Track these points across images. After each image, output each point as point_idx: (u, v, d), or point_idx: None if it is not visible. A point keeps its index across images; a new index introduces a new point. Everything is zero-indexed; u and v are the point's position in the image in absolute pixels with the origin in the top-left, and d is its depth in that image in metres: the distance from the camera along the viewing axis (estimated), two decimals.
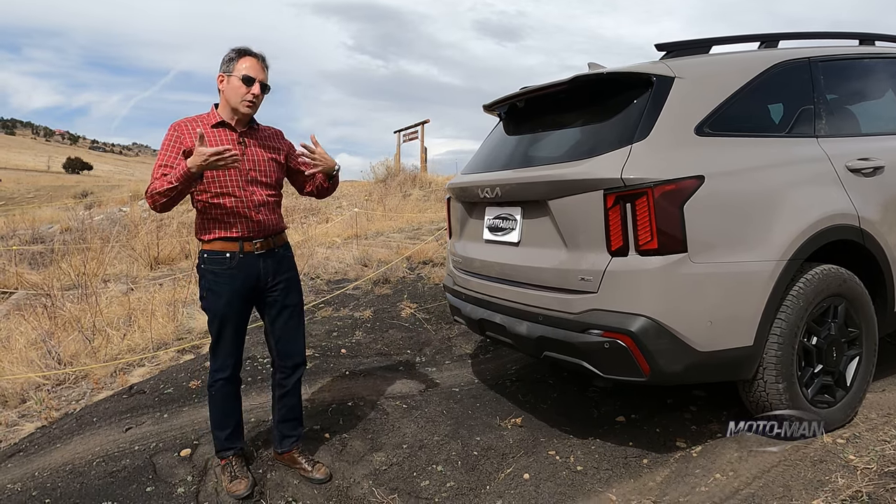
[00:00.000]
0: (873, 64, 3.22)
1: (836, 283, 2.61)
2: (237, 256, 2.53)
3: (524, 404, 3.40)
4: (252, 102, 2.51)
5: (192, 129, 2.48)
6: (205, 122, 2.53)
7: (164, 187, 2.34)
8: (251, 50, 2.53)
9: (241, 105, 2.50)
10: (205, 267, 2.56)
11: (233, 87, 2.49)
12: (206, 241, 2.55)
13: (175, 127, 2.50)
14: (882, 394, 3.00)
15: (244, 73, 2.47)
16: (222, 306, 2.54)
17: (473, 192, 3.16)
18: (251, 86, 2.48)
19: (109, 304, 5.74)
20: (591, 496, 2.51)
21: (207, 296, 2.57)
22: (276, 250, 2.65)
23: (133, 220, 11.69)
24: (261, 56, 2.54)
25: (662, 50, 2.76)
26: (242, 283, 2.55)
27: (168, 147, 2.47)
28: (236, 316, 2.58)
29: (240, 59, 2.50)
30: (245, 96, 2.49)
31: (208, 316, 2.59)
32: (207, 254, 2.55)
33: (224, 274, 2.53)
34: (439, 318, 4.97)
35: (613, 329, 2.37)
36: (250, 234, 2.55)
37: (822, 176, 2.65)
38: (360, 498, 2.63)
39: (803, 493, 2.23)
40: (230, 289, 2.53)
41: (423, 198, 12.64)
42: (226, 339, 2.58)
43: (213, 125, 2.53)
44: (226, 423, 2.68)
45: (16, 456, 3.06)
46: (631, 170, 2.34)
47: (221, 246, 2.53)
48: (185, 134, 2.48)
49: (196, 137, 2.34)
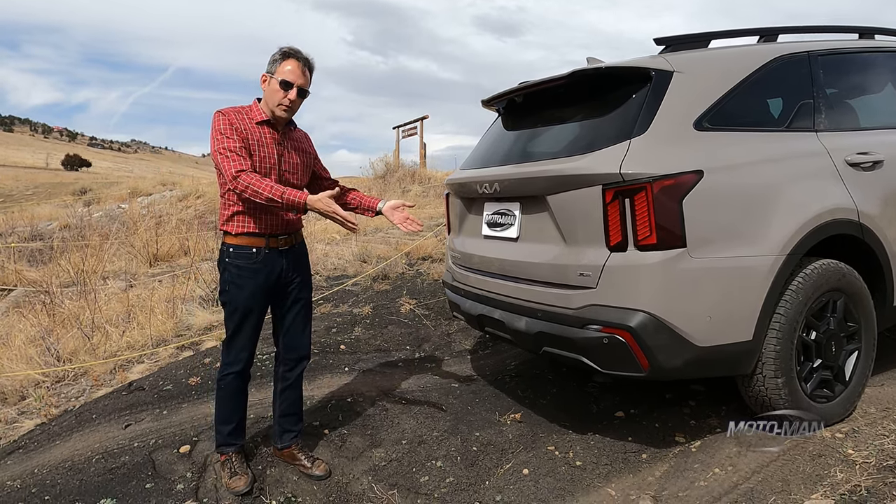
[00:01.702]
0: (873, 58, 3.21)
1: (835, 278, 2.61)
2: (263, 252, 2.55)
3: (523, 400, 3.40)
4: (288, 108, 2.51)
5: (241, 119, 2.49)
6: (249, 115, 2.53)
7: (267, 194, 2.35)
8: (298, 53, 2.51)
9: (278, 109, 2.51)
10: (229, 261, 2.56)
11: (272, 89, 2.49)
12: (233, 235, 2.55)
13: (225, 114, 2.49)
14: (881, 388, 3.00)
15: (283, 78, 2.47)
16: (244, 300, 2.55)
17: (472, 188, 3.15)
18: (288, 91, 2.48)
19: (108, 301, 5.73)
20: (591, 491, 2.51)
21: (230, 289, 2.57)
22: (296, 247, 2.69)
23: (132, 216, 11.67)
24: (305, 59, 2.52)
25: (661, 44, 2.75)
26: (266, 278, 2.57)
27: (227, 132, 2.44)
28: (257, 310, 2.60)
29: (283, 62, 2.49)
30: (282, 101, 2.49)
31: (227, 309, 2.60)
32: (233, 248, 2.56)
33: (249, 268, 2.54)
34: (438, 314, 4.97)
35: (612, 324, 2.37)
36: (277, 231, 2.58)
37: (821, 170, 2.65)
38: (360, 494, 2.63)
39: (802, 487, 2.24)
40: (254, 283, 2.55)
41: (423, 194, 12.63)
42: (244, 333, 2.60)
43: (259, 122, 2.53)
44: (231, 418, 2.68)
45: (15, 453, 3.06)
46: (630, 165, 2.34)
47: (248, 241, 2.54)
48: (236, 121, 2.48)
49: (242, 126, 2.45)
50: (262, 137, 2.52)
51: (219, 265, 2.63)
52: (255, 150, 2.49)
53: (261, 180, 2.38)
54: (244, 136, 2.47)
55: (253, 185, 2.37)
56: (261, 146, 2.51)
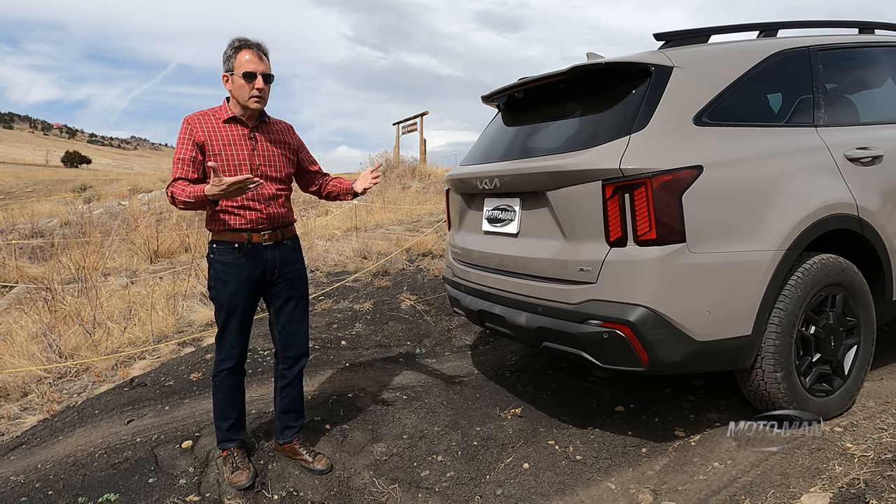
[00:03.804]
0: (872, 53, 3.21)
1: (834, 273, 2.62)
2: (245, 247, 2.56)
3: (524, 395, 3.42)
4: (259, 97, 2.51)
5: (204, 123, 2.52)
6: (217, 116, 2.55)
7: (182, 197, 2.41)
8: (247, 41, 2.50)
9: (250, 102, 2.51)
10: (213, 257, 2.59)
11: (237, 85, 2.49)
12: (216, 232, 2.58)
13: (188, 121, 2.53)
14: (880, 382, 3.02)
15: (244, 70, 2.46)
16: (229, 296, 2.56)
17: (472, 184, 3.16)
18: (254, 80, 2.48)
19: (110, 298, 5.75)
20: (591, 485, 2.53)
21: (216, 285, 2.59)
22: (284, 242, 2.67)
23: (132, 213, 11.68)
24: (257, 45, 2.51)
25: (661, 39, 2.75)
26: (250, 273, 2.57)
27: (183, 141, 2.52)
28: (243, 306, 2.61)
29: (237, 55, 2.48)
30: (251, 93, 2.49)
31: (215, 306, 2.62)
32: (216, 244, 2.58)
33: (232, 264, 2.55)
34: (439, 310, 4.98)
35: (612, 319, 2.38)
36: (259, 226, 2.58)
37: (820, 165, 2.65)
38: (361, 488, 2.65)
39: (801, 480, 2.25)
40: (237, 279, 2.56)
41: (423, 190, 12.63)
42: (232, 329, 2.61)
43: (225, 120, 2.54)
44: (229, 414, 2.70)
45: (18, 448, 3.07)
46: (629, 160, 2.34)
47: (230, 237, 2.55)
48: (196, 127, 2.51)
49: (204, 130, 2.48)
50: (229, 135, 2.53)
51: (207, 260, 2.66)
52: (221, 150, 2.50)
53: (182, 188, 2.43)
54: (208, 137, 2.49)
55: (175, 192, 2.43)
56: (227, 144, 2.52)
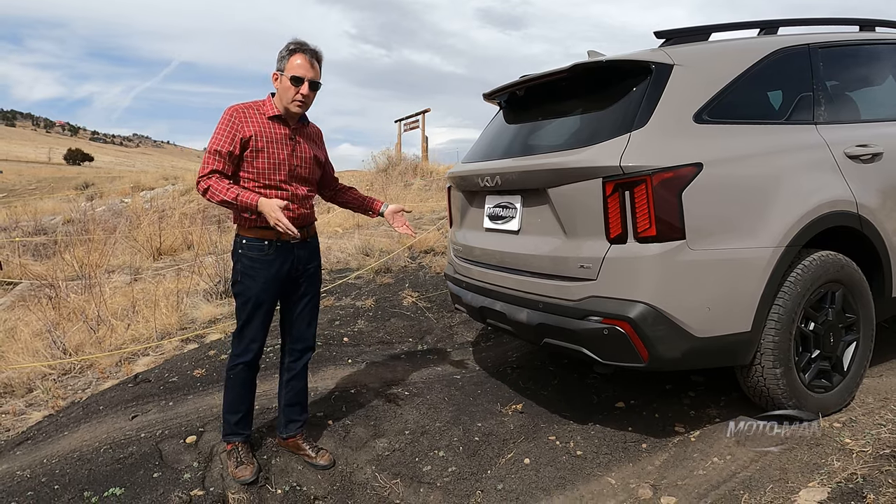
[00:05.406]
0: (873, 50, 3.21)
1: (833, 269, 2.63)
2: (275, 244, 2.58)
3: (525, 391, 3.44)
4: (302, 102, 2.54)
5: (252, 116, 2.52)
6: (261, 111, 2.56)
7: (222, 195, 2.41)
8: (303, 46, 2.52)
9: (292, 105, 2.53)
10: (242, 252, 2.60)
11: (284, 86, 2.51)
12: (246, 228, 2.59)
13: (233, 111, 2.52)
14: (879, 378, 3.03)
15: (293, 74, 2.48)
16: (257, 291, 2.59)
17: (474, 181, 3.17)
18: (300, 86, 2.50)
19: (113, 295, 5.78)
20: (591, 480, 2.55)
21: (242, 279, 2.61)
22: (308, 240, 2.72)
23: (135, 211, 11.71)
24: (312, 51, 2.53)
25: (662, 37, 2.76)
26: (278, 269, 2.61)
27: (224, 132, 2.49)
28: (268, 302, 2.64)
29: (291, 57, 2.51)
30: (294, 97, 2.51)
31: (239, 300, 2.63)
32: (246, 240, 2.59)
33: (261, 260, 2.58)
34: (441, 307, 5.00)
35: (612, 316, 2.39)
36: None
37: (820, 163, 2.66)
38: (363, 483, 2.67)
39: (799, 475, 2.27)
40: (266, 275, 2.58)
41: (425, 187, 12.63)
42: (255, 323, 2.63)
43: (270, 117, 2.56)
44: (238, 407, 2.72)
45: (24, 444, 3.10)
46: (630, 157, 2.35)
47: (261, 234, 2.57)
48: (243, 120, 2.50)
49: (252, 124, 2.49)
50: (272, 132, 2.55)
51: (232, 256, 2.67)
52: (265, 146, 2.52)
53: (221, 182, 2.43)
54: (255, 132, 2.49)
55: (213, 186, 2.43)
56: (271, 141, 2.53)
